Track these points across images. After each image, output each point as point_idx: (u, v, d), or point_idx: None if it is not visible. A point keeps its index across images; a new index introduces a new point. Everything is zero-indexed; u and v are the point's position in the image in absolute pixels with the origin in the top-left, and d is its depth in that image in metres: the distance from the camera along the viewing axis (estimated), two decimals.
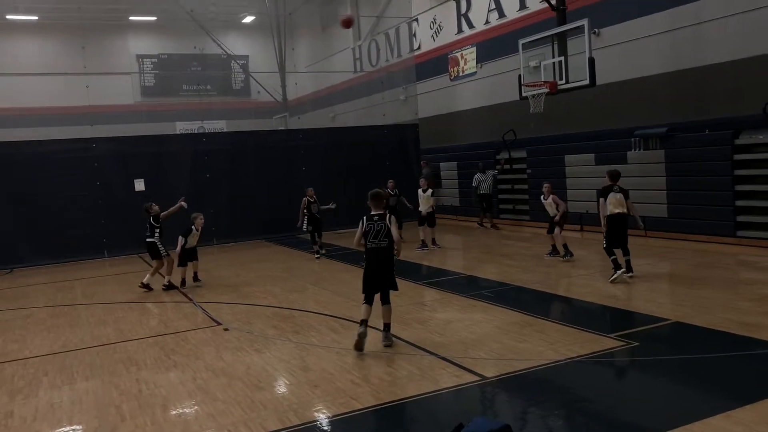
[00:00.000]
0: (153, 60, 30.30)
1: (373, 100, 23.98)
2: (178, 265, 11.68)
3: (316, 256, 14.30)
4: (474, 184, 17.94)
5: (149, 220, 11.64)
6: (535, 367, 6.19)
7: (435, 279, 11.27)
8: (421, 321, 8.26)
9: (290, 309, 9.44)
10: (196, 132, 23.40)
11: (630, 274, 9.74)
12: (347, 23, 8.49)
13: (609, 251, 9.76)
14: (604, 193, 9.86)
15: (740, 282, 9.78)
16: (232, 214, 17.85)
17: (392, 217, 7.14)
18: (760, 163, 11.92)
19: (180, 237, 11.59)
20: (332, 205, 14.53)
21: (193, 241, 11.82)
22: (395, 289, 7.22)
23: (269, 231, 18.12)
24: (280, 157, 18.89)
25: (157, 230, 11.59)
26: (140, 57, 29.94)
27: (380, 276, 7.08)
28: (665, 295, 9.09)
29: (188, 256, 11.82)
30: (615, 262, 9.65)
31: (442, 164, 21.06)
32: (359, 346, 6.91)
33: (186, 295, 10.98)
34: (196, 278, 11.99)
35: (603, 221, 9.83)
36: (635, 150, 14.07)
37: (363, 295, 7.11)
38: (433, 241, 14.59)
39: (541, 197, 12.20)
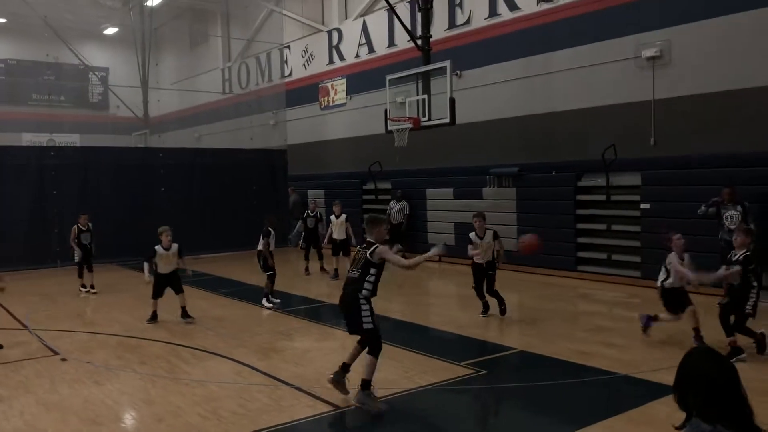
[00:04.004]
0: None
1: (240, 123, 23.54)
2: (152, 296, 9.82)
3: (93, 291, 12.60)
4: (387, 211, 17.06)
5: None
6: (389, 395, 6.26)
7: (298, 307, 11.15)
8: (278, 350, 8.11)
9: (138, 338, 8.89)
10: (44, 145, 21.66)
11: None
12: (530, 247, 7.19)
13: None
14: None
15: (579, 313, 10.57)
16: None
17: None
18: (598, 204, 13.06)
19: (144, 263, 9.83)
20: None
21: (164, 264, 9.77)
22: (363, 334, 6.07)
23: (122, 254, 16.98)
24: (138, 176, 17.92)
25: None
26: None
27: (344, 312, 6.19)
28: (513, 325, 9.59)
29: (164, 283, 9.82)
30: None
31: (309, 191, 21.03)
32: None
33: (21, 322, 10.01)
34: (184, 314, 9.92)
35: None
36: (490, 187, 14.91)
37: None
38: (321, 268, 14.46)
39: (475, 234, 9.56)
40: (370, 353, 5.93)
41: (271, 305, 10.82)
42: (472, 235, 9.55)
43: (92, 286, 12.73)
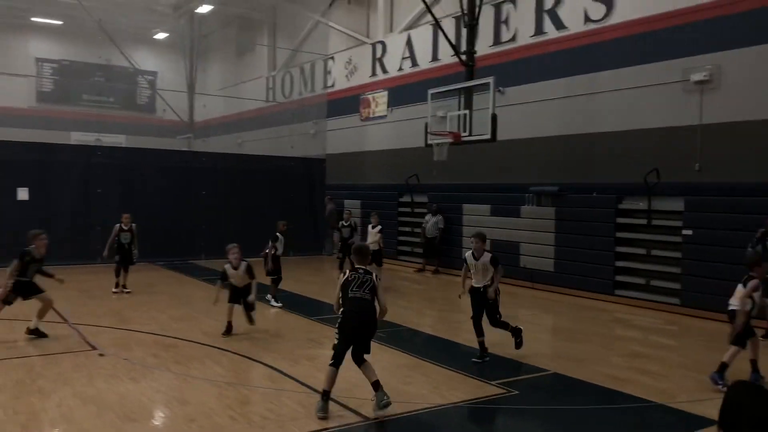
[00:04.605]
0: (53, 65, 28.90)
1: (282, 131, 23.89)
2: (228, 300, 9.22)
3: (126, 291, 12.67)
4: (423, 224, 17.26)
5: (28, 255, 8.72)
6: (418, 410, 6.24)
7: (331, 315, 11.17)
8: (310, 357, 8.15)
9: (174, 338, 9.04)
10: (92, 144, 22.30)
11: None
12: None
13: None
14: None
15: (615, 338, 10.38)
16: None
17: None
18: (639, 228, 12.83)
19: (218, 281, 9.34)
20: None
21: (237, 282, 9.17)
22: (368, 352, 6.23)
23: (162, 255, 17.31)
24: (180, 179, 18.31)
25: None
26: (40, 60, 28.45)
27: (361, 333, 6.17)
28: (546, 347, 9.47)
29: (239, 292, 9.22)
30: None
31: (346, 201, 21.16)
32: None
33: (62, 316, 10.27)
34: (250, 319, 9.50)
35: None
36: (529, 205, 14.79)
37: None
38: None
39: (471, 255, 8.34)
40: (366, 362, 6.20)
41: (279, 305, 11.53)
42: (468, 255, 8.42)
43: (124, 286, 12.82)
